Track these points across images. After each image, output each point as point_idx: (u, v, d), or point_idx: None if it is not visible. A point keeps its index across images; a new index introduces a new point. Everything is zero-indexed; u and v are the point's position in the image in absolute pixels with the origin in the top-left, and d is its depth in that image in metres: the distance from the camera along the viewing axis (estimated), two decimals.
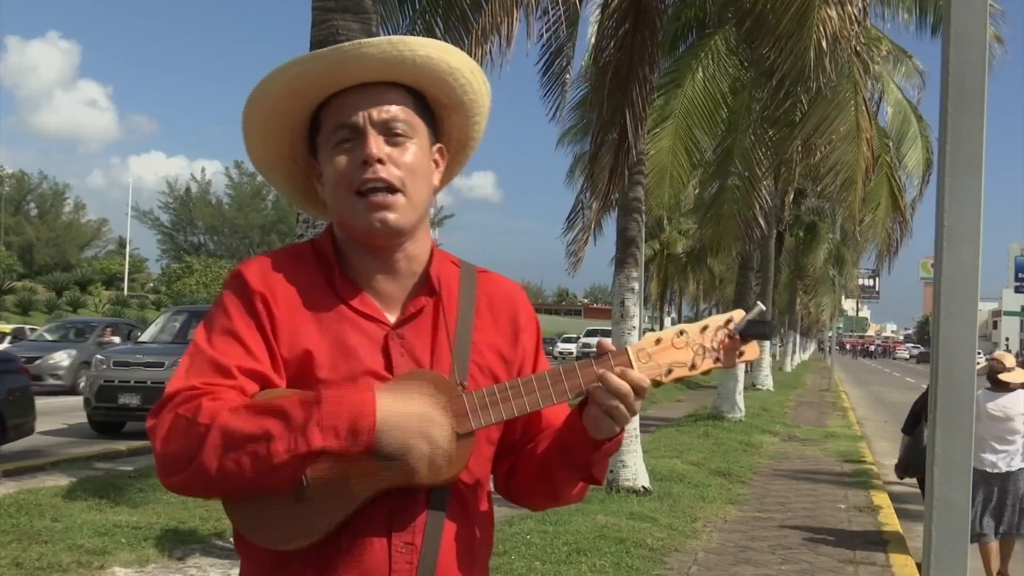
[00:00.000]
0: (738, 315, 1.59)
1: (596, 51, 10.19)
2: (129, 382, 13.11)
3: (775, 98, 10.48)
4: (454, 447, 1.47)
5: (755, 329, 1.57)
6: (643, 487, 9.27)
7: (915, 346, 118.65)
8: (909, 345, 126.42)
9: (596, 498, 8.65)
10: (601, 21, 10.15)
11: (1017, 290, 53.20)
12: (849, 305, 64.97)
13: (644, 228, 10.37)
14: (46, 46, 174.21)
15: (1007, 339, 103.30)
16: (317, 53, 1.59)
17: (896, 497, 10.41)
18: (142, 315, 44.07)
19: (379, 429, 1.42)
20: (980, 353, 30.18)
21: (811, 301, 45.26)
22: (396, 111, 1.59)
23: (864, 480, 11.42)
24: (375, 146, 1.56)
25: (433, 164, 1.66)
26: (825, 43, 9.06)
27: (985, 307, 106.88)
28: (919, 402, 8.23)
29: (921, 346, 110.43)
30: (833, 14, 9.02)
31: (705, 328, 1.58)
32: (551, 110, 10.93)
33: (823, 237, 36.61)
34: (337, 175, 1.58)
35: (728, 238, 16.11)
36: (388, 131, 1.58)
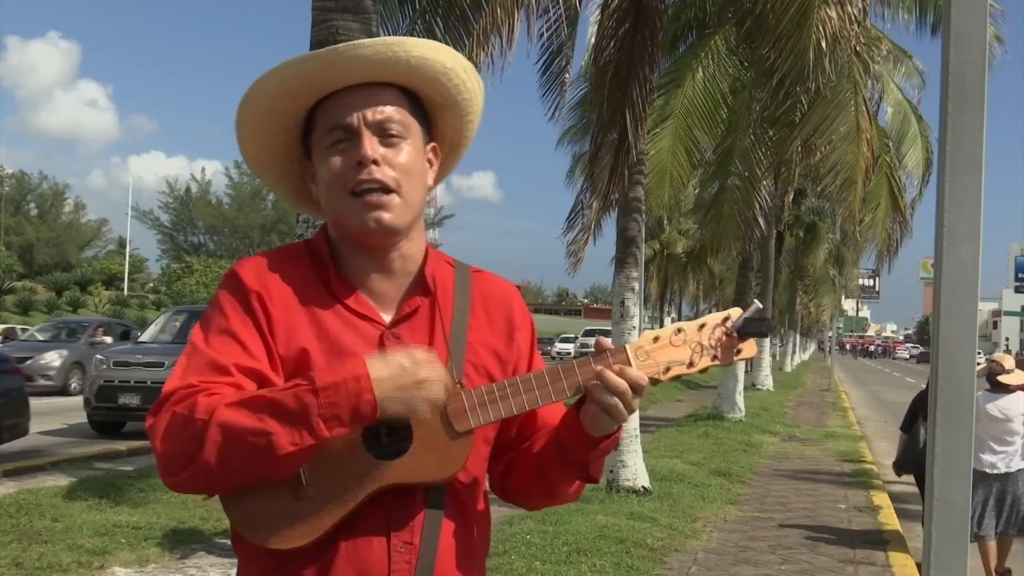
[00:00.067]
0: (735, 313, 1.59)
1: (596, 51, 10.19)
2: (129, 382, 13.13)
3: (775, 98, 10.48)
4: (446, 375, 1.48)
5: (753, 327, 1.57)
6: (643, 487, 9.28)
7: (915, 346, 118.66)
8: (909, 345, 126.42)
9: (596, 498, 8.65)
10: (601, 21, 10.15)
11: (1017, 290, 53.19)
12: (849, 305, 64.98)
13: (644, 228, 10.37)
14: (46, 46, 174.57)
15: (1007, 339, 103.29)
16: (311, 54, 1.59)
17: (896, 497, 10.41)
18: (142, 315, 44.04)
19: (380, 404, 1.42)
20: (980, 353, 30.20)
21: (811, 301, 45.27)
22: (390, 112, 1.59)
23: (864, 480, 11.42)
24: (370, 147, 1.56)
25: (427, 164, 1.67)
26: (825, 43, 9.06)
27: (985, 307, 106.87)
28: (917, 401, 8.26)
29: (921, 346, 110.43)
30: (833, 14, 9.03)
31: (703, 326, 1.58)
32: (550, 110, 10.94)
33: (823, 237, 36.63)
34: (331, 176, 1.58)
35: (728, 238, 16.13)
36: (382, 132, 1.58)
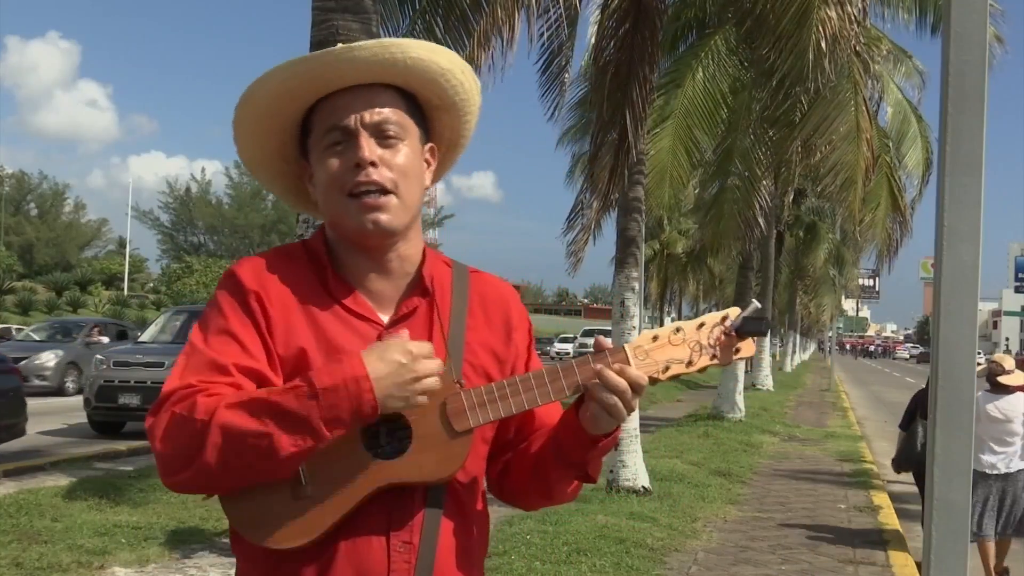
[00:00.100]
0: (734, 312, 1.59)
1: (596, 51, 10.19)
2: (129, 382, 13.13)
3: (775, 98, 10.48)
4: (438, 363, 1.48)
5: (751, 326, 1.57)
6: (643, 487, 9.28)
7: (915, 346, 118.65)
8: (909, 345, 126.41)
9: (596, 498, 8.65)
10: (601, 21, 10.15)
11: (1017, 290, 53.23)
12: (849, 305, 64.98)
13: (644, 228, 10.37)
14: (46, 46, 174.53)
15: (1007, 339, 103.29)
16: (308, 56, 1.59)
17: (896, 497, 10.41)
18: (142, 315, 44.04)
19: (380, 403, 1.43)
20: (980, 353, 30.19)
21: (811, 301, 45.27)
22: (388, 113, 1.59)
23: (864, 480, 11.42)
24: (367, 149, 1.56)
25: (424, 164, 1.67)
26: (824, 43, 9.06)
27: (985, 307, 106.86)
28: (915, 399, 8.27)
29: (921, 346, 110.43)
30: (832, 14, 9.03)
31: (702, 325, 1.59)
32: (550, 110, 10.94)
33: (823, 237, 36.62)
34: (329, 177, 1.58)
35: (728, 238, 16.13)
36: (380, 133, 1.58)
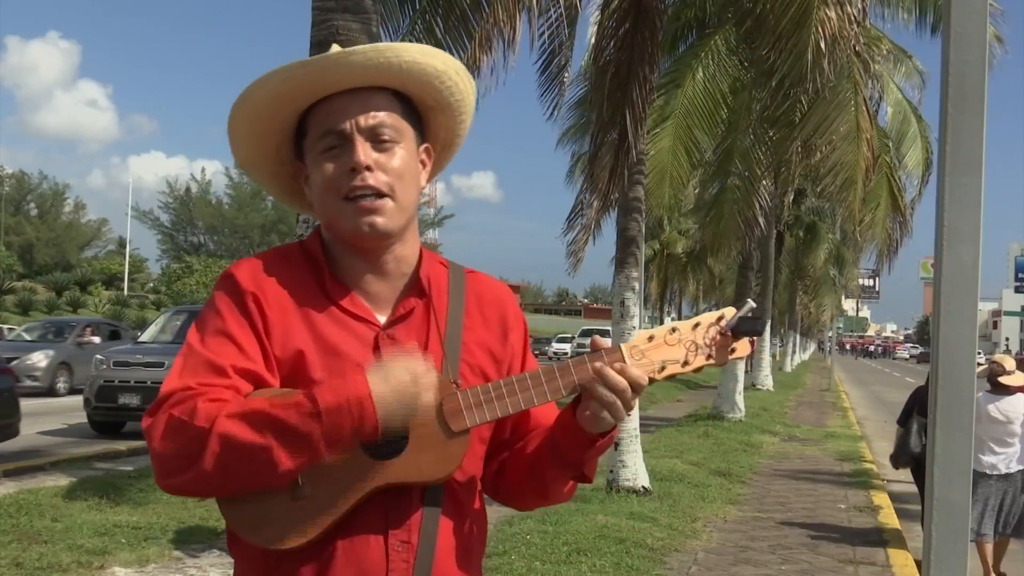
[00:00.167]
0: (729, 312, 1.59)
1: (596, 51, 10.19)
2: (129, 382, 13.14)
3: (775, 98, 10.48)
4: (435, 379, 1.48)
5: (746, 326, 1.58)
6: (643, 487, 9.27)
7: (915, 346, 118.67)
8: (909, 345, 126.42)
9: (596, 498, 8.65)
10: (601, 21, 10.15)
11: (1017, 290, 53.22)
12: (849, 305, 64.97)
13: (644, 228, 10.37)
14: (46, 46, 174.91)
15: (1007, 339, 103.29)
16: (304, 61, 1.59)
17: (896, 497, 10.41)
18: (142, 315, 43.94)
19: (382, 423, 1.43)
20: (980, 353, 30.17)
21: (811, 302, 45.26)
22: (383, 117, 1.59)
23: (864, 480, 11.42)
24: (363, 153, 1.56)
25: (420, 165, 1.67)
26: (823, 44, 9.06)
27: (985, 307, 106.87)
28: (914, 395, 8.31)
29: (921, 346, 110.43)
30: (832, 14, 9.02)
31: (697, 325, 1.59)
32: (549, 109, 10.94)
33: (823, 237, 36.61)
34: (325, 181, 1.58)
35: (728, 238, 16.11)
36: (375, 137, 1.58)
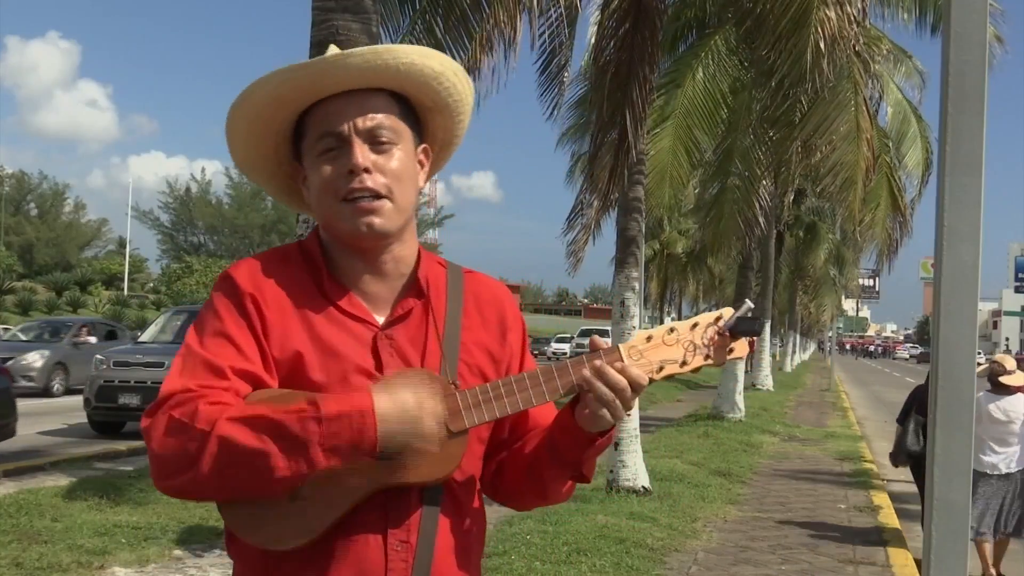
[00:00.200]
0: (727, 312, 1.60)
1: (596, 51, 10.18)
2: (129, 382, 13.14)
3: (775, 98, 10.49)
4: (445, 438, 1.48)
5: (744, 326, 1.58)
6: (643, 487, 9.27)
7: (914, 346, 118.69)
8: (909, 345, 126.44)
9: (596, 498, 8.65)
10: (601, 21, 10.14)
11: (1017, 290, 53.21)
12: (849, 305, 64.96)
13: (644, 228, 10.37)
14: (46, 46, 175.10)
15: (1007, 339, 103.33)
16: (301, 64, 1.59)
17: (896, 497, 10.41)
18: (142, 315, 43.91)
19: (380, 443, 1.43)
20: (980, 353, 30.17)
21: (811, 302, 45.24)
22: (381, 119, 1.59)
23: (864, 480, 11.42)
24: (361, 155, 1.56)
25: (418, 166, 1.67)
26: (823, 44, 9.06)
27: (985, 307, 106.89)
28: (913, 393, 8.36)
29: (921, 346, 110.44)
30: (832, 15, 9.02)
31: (695, 325, 1.60)
32: (549, 109, 10.95)
33: (823, 237, 36.59)
34: (323, 182, 1.58)
35: (728, 238, 16.11)
36: (373, 139, 1.58)
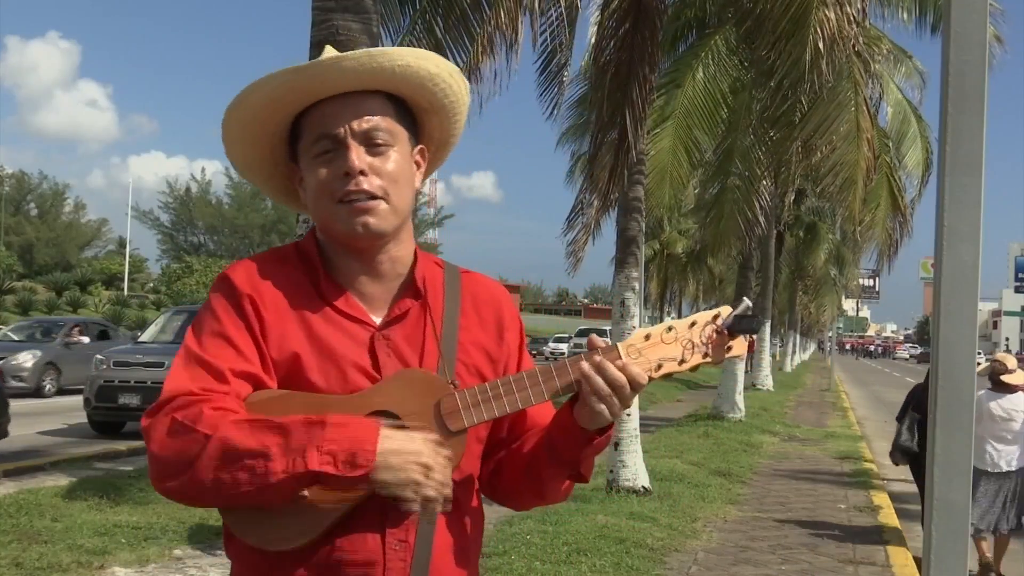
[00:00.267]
0: (725, 311, 1.60)
1: (596, 51, 10.18)
2: (129, 382, 13.14)
3: (775, 98, 10.48)
4: (451, 489, 1.44)
5: (742, 324, 1.58)
6: (643, 487, 9.27)
7: (914, 346, 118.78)
8: (909, 345, 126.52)
9: (596, 498, 8.65)
10: (601, 21, 10.14)
11: (1017, 290, 53.13)
12: (849, 305, 64.95)
13: (644, 228, 10.36)
14: (46, 46, 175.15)
15: (1007, 339, 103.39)
16: (296, 68, 1.59)
17: (896, 497, 10.41)
18: (142, 315, 43.89)
19: (377, 463, 1.40)
20: (980, 353, 30.17)
21: (811, 302, 45.25)
22: (377, 121, 1.59)
23: (864, 480, 11.42)
24: (357, 158, 1.56)
25: (414, 167, 1.67)
26: (822, 44, 9.06)
27: (985, 307, 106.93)
28: (912, 392, 8.43)
29: (921, 346, 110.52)
30: (831, 15, 9.02)
31: (693, 324, 1.60)
32: (548, 109, 10.94)
33: (823, 237, 36.59)
34: (319, 184, 1.59)
35: (728, 238, 16.11)
36: (369, 141, 1.58)
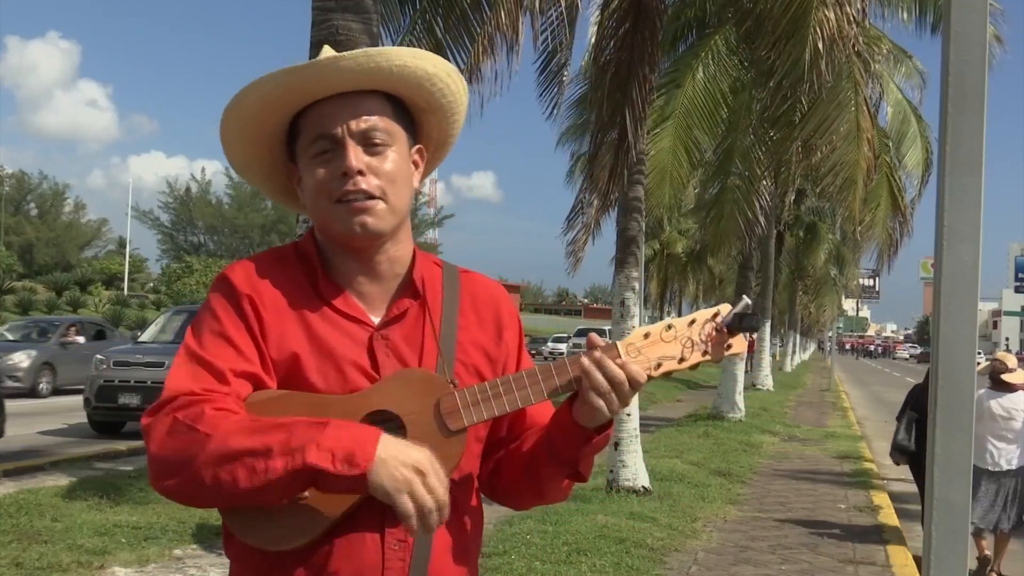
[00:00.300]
0: (725, 309, 1.60)
1: (596, 51, 10.18)
2: (129, 382, 13.14)
3: (775, 98, 10.48)
4: (447, 500, 1.42)
5: (742, 322, 1.58)
6: (643, 487, 9.27)
7: (914, 346, 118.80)
8: (908, 345, 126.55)
9: (596, 498, 8.65)
10: (601, 21, 10.14)
11: (1017, 290, 53.08)
12: (849, 305, 64.96)
13: (644, 228, 10.36)
14: (46, 46, 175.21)
15: (1007, 339, 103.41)
16: (293, 68, 1.59)
17: (896, 497, 10.42)
18: (142, 315, 43.87)
19: (374, 464, 1.38)
20: (980, 353, 30.16)
21: (811, 302, 45.25)
22: (375, 120, 1.59)
23: (864, 480, 11.42)
24: (354, 158, 1.56)
25: (413, 166, 1.67)
26: (821, 45, 9.05)
27: (985, 307, 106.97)
28: (911, 392, 8.44)
29: (921, 346, 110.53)
30: (831, 15, 9.02)
31: (693, 322, 1.60)
32: (548, 109, 10.94)
33: (823, 237, 36.58)
34: (317, 184, 1.59)
35: (728, 238, 16.10)
36: (367, 141, 1.58)
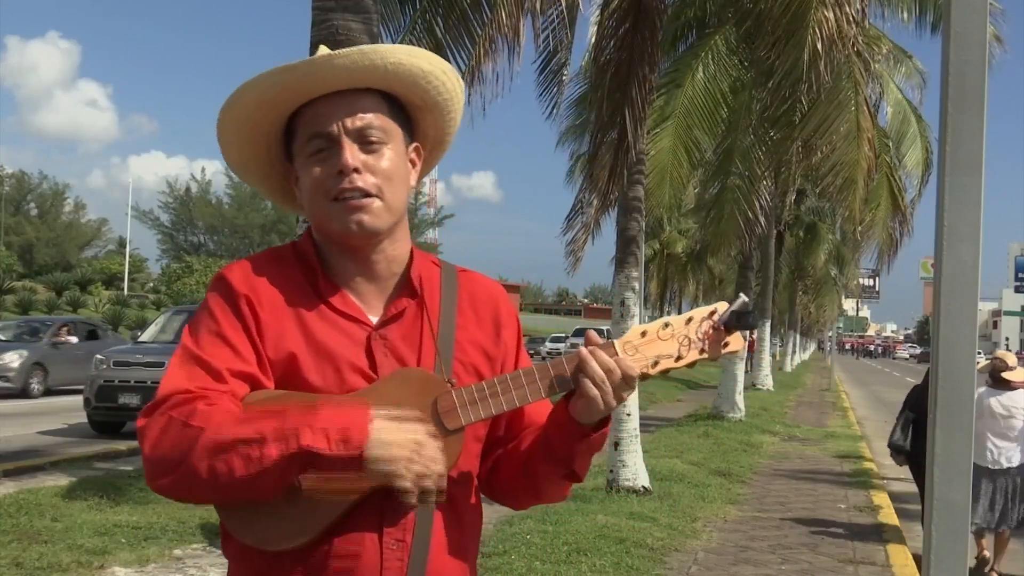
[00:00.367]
0: (722, 307, 1.60)
1: (596, 50, 10.18)
2: (129, 382, 13.14)
3: (775, 98, 10.48)
4: (445, 474, 1.45)
5: (739, 320, 1.59)
6: (643, 487, 9.27)
7: (914, 346, 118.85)
8: (908, 345, 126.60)
9: (596, 498, 8.65)
10: (601, 21, 10.14)
11: (1017, 290, 53.15)
12: (849, 305, 64.97)
13: (644, 228, 10.36)
14: (46, 46, 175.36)
15: (1007, 339, 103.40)
16: (289, 67, 1.59)
17: (896, 497, 10.42)
18: (142, 315, 43.90)
19: (370, 441, 1.39)
20: (980, 353, 30.13)
21: (811, 302, 45.25)
22: (370, 118, 1.59)
23: (864, 480, 11.42)
24: (350, 156, 1.56)
25: (409, 165, 1.67)
26: (820, 45, 9.05)
27: (985, 307, 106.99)
28: (911, 391, 8.46)
29: (921, 346, 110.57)
30: (830, 15, 9.02)
31: (690, 320, 1.60)
32: (548, 108, 10.95)
33: (823, 237, 36.57)
34: (313, 183, 1.59)
35: (728, 238, 16.10)
36: (363, 139, 1.59)
